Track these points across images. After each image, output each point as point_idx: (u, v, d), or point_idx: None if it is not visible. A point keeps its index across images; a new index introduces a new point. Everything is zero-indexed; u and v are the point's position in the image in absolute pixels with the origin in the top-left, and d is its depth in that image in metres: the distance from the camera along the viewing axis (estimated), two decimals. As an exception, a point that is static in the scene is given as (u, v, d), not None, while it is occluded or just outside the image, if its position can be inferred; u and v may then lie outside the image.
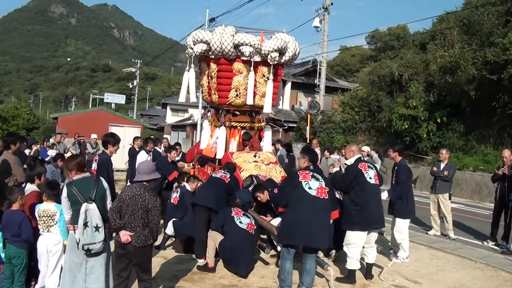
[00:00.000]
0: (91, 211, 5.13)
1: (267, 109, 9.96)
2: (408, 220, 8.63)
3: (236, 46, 9.45)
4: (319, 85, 31.02)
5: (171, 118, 58.78)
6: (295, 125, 32.41)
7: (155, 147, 12.91)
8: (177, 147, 11.93)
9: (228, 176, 8.31)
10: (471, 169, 19.49)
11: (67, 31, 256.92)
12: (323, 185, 6.36)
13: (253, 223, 7.46)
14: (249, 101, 9.73)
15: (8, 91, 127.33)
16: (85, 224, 5.09)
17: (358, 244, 7.04)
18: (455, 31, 22.98)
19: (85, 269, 5.28)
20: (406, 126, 22.84)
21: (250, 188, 8.45)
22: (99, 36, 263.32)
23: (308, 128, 24.93)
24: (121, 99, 65.17)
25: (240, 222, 7.33)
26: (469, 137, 21.62)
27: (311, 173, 6.45)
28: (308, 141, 21.74)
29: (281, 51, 9.87)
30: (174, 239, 8.79)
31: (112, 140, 8.04)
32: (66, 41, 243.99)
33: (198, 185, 9.29)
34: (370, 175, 7.09)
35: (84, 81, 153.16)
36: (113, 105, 62.52)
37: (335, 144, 25.63)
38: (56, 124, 29.90)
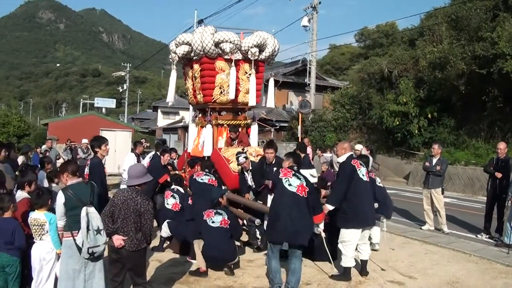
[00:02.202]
0: (91, 214, 5.12)
1: (252, 102, 10.25)
2: None
3: (217, 44, 9.78)
4: (309, 84, 31.09)
5: (162, 121, 58.71)
6: (286, 125, 32.43)
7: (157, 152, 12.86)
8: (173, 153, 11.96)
9: (214, 179, 8.32)
10: (463, 163, 19.58)
11: (56, 37, 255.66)
12: (304, 185, 6.36)
13: (226, 218, 7.42)
14: (231, 96, 9.92)
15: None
16: (87, 228, 5.07)
17: (353, 242, 7.02)
18: (443, 26, 23.05)
19: (84, 275, 5.27)
20: (397, 123, 22.93)
21: (243, 156, 8.84)
22: (88, 41, 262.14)
23: (299, 127, 24.98)
24: (111, 103, 64.97)
25: (213, 222, 7.32)
26: (460, 131, 21.73)
27: (293, 172, 6.47)
28: (300, 140, 21.76)
29: (261, 48, 10.23)
30: (168, 241, 8.78)
31: (96, 143, 7.90)
32: (55, 46, 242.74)
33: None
34: (363, 172, 7.10)
35: (74, 87, 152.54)
36: (103, 110, 62.28)
37: (327, 142, 25.70)
38: (46, 130, 29.73)
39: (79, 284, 5.26)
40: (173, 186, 9.19)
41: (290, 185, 6.31)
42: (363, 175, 7.08)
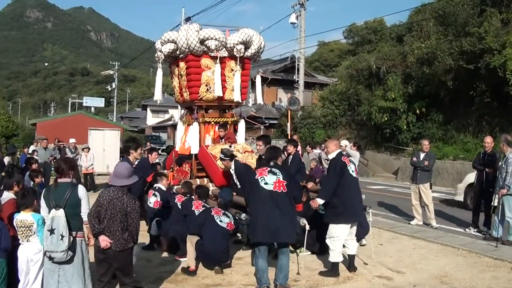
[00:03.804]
0: (57, 218, 5.11)
1: (237, 97, 10.26)
2: None
3: (202, 41, 9.75)
4: (298, 81, 31.12)
5: (151, 119, 58.75)
6: (276, 122, 32.52)
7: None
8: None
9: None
10: (452, 158, 19.66)
11: (44, 36, 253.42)
12: (281, 179, 6.34)
13: (233, 223, 7.48)
14: (218, 92, 9.91)
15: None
16: (51, 231, 5.09)
17: (341, 237, 7.05)
18: (431, 22, 23.12)
19: (58, 276, 5.27)
20: (386, 118, 22.98)
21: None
22: (76, 39, 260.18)
23: (289, 124, 24.96)
24: (100, 102, 64.71)
25: (220, 221, 7.34)
26: (449, 126, 21.79)
27: (269, 169, 6.46)
28: (289, 137, 21.78)
29: (246, 45, 10.21)
30: (157, 240, 8.77)
31: (133, 145, 7.72)
32: (43, 45, 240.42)
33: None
34: (352, 169, 7.16)
35: (63, 86, 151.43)
36: (92, 109, 62.05)
37: (316, 139, 25.73)
38: (35, 130, 29.54)
39: (53, 283, 5.26)
40: (155, 185, 9.14)
41: (266, 183, 6.30)
42: (352, 171, 7.14)
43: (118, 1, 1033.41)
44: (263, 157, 8.31)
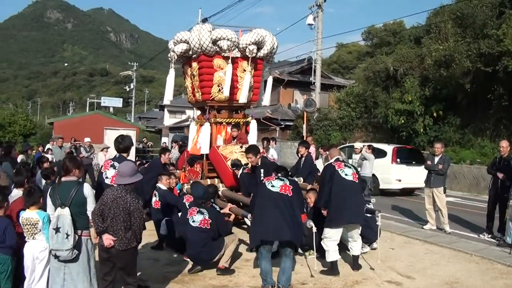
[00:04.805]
0: (63, 217, 5.09)
1: (242, 99, 10.18)
2: None
3: (214, 42, 9.75)
4: (314, 82, 30.97)
5: (168, 120, 58.86)
6: (292, 124, 32.38)
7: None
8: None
9: (208, 218, 7.46)
10: (468, 162, 19.41)
11: (64, 36, 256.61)
12: (287, 184, 6.46)
13: (207, 217, 7.28)
14: (226, 93, 9.89)
15: (6, 98, 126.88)
16: (56, 229, 5.06)
17: (334, 238, 7.14)
18: (449, 24, 22.86)
19: (64, 274, 5.24)
20: (403, 121, 22.76)
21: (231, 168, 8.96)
22: (96, 40, 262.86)
23: (304, 126, 24.88)
24: (118, 102, 65.21)
25: (193, 221, 7.27)
26: (466, 130, 21.53)
27: (276, 176, 6.62)
28: (304, 139, 21.71)
29: (259, 45, 10.19)
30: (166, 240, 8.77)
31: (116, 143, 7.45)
32: (63, 46, 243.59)
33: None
34: (346, 172, 7.19)
35: (82, 86, 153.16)
36: (111, 109, 62.55)
37: (332, 141, 25.61)
38: (52, 129, 29.80)
39: (59, 281, 5.25)
40: (157, 184, 9.12)
41: (273, 186, 6.41)
42: (346, 174, 7.17)
43: (138, 2, 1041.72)
44: (257, 166, 8.42)
